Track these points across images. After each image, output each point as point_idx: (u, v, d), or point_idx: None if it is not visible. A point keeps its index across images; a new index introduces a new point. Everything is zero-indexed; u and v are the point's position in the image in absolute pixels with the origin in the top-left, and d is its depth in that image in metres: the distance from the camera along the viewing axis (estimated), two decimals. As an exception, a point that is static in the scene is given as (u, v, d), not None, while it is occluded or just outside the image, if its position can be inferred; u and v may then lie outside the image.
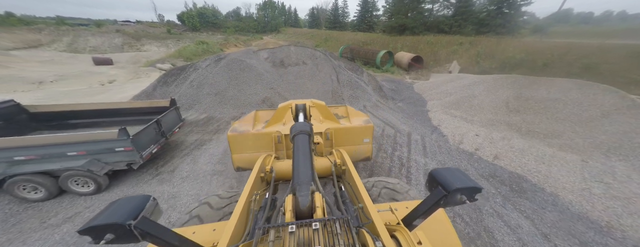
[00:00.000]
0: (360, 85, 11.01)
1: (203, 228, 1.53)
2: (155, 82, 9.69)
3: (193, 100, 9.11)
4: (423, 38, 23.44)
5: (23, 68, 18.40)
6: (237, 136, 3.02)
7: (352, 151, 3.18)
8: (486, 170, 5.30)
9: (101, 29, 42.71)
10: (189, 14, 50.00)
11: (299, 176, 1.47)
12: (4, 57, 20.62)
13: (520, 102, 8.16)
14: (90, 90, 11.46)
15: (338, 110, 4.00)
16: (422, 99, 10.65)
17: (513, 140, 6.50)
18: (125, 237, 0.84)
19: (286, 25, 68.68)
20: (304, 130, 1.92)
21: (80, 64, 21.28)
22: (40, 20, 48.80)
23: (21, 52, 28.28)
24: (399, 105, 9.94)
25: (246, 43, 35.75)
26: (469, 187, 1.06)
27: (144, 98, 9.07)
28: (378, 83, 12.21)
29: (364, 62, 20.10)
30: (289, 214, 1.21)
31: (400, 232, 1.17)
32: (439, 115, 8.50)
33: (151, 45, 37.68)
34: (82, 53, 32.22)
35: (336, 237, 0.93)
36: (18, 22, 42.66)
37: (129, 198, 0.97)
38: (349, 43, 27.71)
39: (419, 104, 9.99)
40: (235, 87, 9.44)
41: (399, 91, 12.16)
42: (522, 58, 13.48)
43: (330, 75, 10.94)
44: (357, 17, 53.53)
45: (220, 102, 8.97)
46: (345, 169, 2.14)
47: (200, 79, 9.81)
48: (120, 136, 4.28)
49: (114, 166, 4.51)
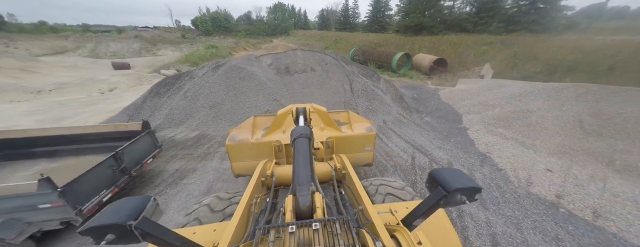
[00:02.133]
0: (377, 94, 9.19)
1: (203, 229, 1.51)
2: (146, 93, 8.49)
3: (185, 114, 7.78)
4: (444, 38, 20.95)
5: (49, 73, 18.70)
6: (236, 145, 2.92)
7: (354, 158, 2.96)
8: (591, 240, 3.34)
9: (121, 35, 44.04)
10: (202, 18, 50.36)
11: (299, 177, 1.43)
12: (33, 63, 21.03)
13: (600, 121, 5.96)
14: (87, 100, 10.60)
15: (339, 116, 3.75)
16: (454, 112, 8.61)
17: (610, 181, 4.43)
18: (125, 237, 0.82)
19: (296, 27, 67.72)
20: (304, 133, 1.85)
21: (100, 69, 21.54)
22: (68, 28, 51.44)
23: (49, 58, 29.48)
24: (427, 121, 7.99)
25: (256, 46, 34.91)
26: (469, 187, 1.02)
27: (132, 111, 7.88)
28: (398, 91, 10.30)
29: (378, 66, 18.11)
30: (289, 214, 1.19)
31: (400, 232, 1.13)
32: (484, 136, 6.49)
33: (166, 50, 38.30)
34: (103, 58, 33.14)
35: (336, 238, 0.90)
36: (49, 30, 45.08)
37: (129, 199, 0.95)
38: (361, 45, 25.71)
39: (451, 119, 7.97)
40: (233, 99, 8.00)
41: (423, 101, 10.14)
42: (575, 59, 10.92)
43: (343, 84, 9.22)
44: (368, 17, 51.28)
45: (215, 117, 7.57)
46: (346, 173, 2.07)
47: (195, 89, 8.49)
48: (42, 189, 2.89)
49: (43, 226, 3.14)
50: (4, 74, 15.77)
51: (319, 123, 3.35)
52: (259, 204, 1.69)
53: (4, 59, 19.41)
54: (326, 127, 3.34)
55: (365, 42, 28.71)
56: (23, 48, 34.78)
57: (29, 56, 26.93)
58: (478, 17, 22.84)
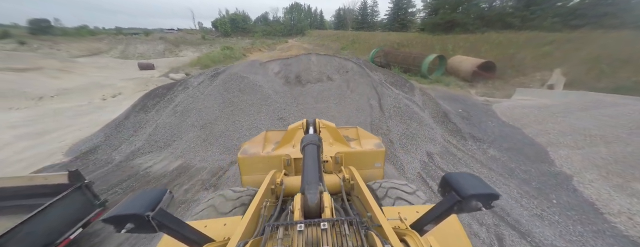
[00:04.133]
0: (414, 112, 6.83)
1: (215, 222, 1.51)
2: (130, 108, 7.05)
3: (171, 134, 6.18)
4: (483, 37, 17.46)
5: (83, 73, 19.37)
6: (247, 158, 2.92)
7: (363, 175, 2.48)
8: None
9: (148, 37, 45.81)
10: (222, 20, 50.59)
11: (307, 177, 1.42)
12: (70, 63, 22.26)
13: None
14: (86, 108, 9.64)
15: (348, 133, 3.47)
16: (530, 142, 5.92)
17: None
18: (143, 227, 0.84)
19: (311, 27, 65.79)
20: (313, 141, 1.84)
21: (127, 69, 22.34)
22: (104, 31, 54.94)
23: (85, 59, 31.44)
24: (493, 155, 5.45)
25: (270, 47, 33.62)
26: (486, 194, 0.91)
27: (111, 130, 6.47)
28: (439, 105, 7.78)
29: (403, 69, 15.40)
30: (297, 213, 1.15)
31: (410, 236, 1.04)
32: (612, 196, 3.88)
33: (187, 51, 39.06)
34: (131, 59, 34.61)
35: (345, 238, 0.87)
36: (88, 33, 48.38)
37: (148, 191, 0.96)
38: (381, 45, 22.91)
39: (532, 155, 5.32)
40: (229, 117, 6.22)
41: (476, 120, 7.49)
42: None
43: (368, 98, 6.98)
44: (388, 15, 47.66)
45: (205, 141, 5.84)
46: (354, 183, 1.94)
47: (187, 103, 6.87)
48: None
49: None
50: (45, 74, 16.70)
51: (328, 138, 3.22)
52: (268, 208, 1.60)
53: (47, 60, 20.71)
54: (335, 142, 3.20)
55: (386, 42, 25.75)
56: (64, 50, 37.47)
57: (68, 57, 28.63)
58: (528, 11, 18.75)
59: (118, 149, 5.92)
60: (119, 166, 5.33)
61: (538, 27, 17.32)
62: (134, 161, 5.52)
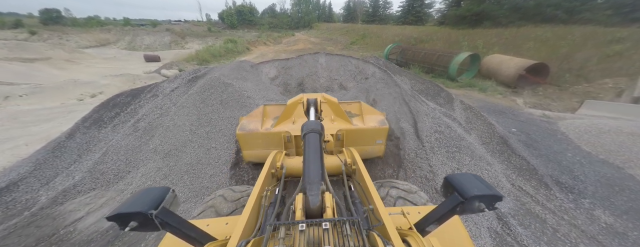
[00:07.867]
0: (460, 137, 4.64)
1: (217, 221, 1.48)
2: (80, 121, 5.18)
3: (125, 164, 4.33)
4: (521, 31, 14.37)
5: (89, 64, 18.10)
6: (246, 134, 2.80)
7: (364, 151, 2.82)
8: None
9: (155, 29, 44.00)
10: (228, 12, 47.85)
11: (309, 175, 1.36)
12: (78, 54, 21.08)
13: None
14: (58, 111, 7.96)
15: (351, 107, 3.29)
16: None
17: None
18: (146, 225, 0.84)
19: (320, 20, 61.73)
20: (315, 129, 1.73)
21: (134, 61, 21.00)
22: (113, 22, 53.49)
23: (93, 50, 30.69)
24: (609, 224, 3.28)
25: (276, 40, 31.09)
26: (489, 195, 0.89)
27: (49, 152, 4.67)
28: (492, 127, 5.50)
29: (425, 70, 12.87)
30: (299, 212, 1.13)
31: (413, 237, 1.03)
32: None
33: (193, 43, 37.42)
34: (138, 50, 33.77)
35: (346, 239, 0.85)
36: (97, 24, 47.10)
37: (151, 189, 0.95)
38: (396, 40, 19.97)
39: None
40: (204, 142, 4.28)
41: (544, 148, 5.19)
42: None
43: (397, 118, 4.81)
44: (402, 7, 43.36)
45: (166, 178, 3.95)
46: (356, 168, 1.92)
47: (152, 117, 4.95)
48: None
49: None
50: (52, 65, 15.55)
51: (330, 114, 3.03)
52: (268, 197, 1.60)
53: (55, 50, 19.59)
54: (337, 118, 3.01)
55: (402, 36, 22.70)
56: (73, 41, 36.62)
57: (76, 48, 27.56)
58: (578, 2, 15.26)
59: (49, 184, 4.15)
60: (37, 215, 3.56)
61: (591, 20, 13.99)
62: (62, 205, 3.73)
